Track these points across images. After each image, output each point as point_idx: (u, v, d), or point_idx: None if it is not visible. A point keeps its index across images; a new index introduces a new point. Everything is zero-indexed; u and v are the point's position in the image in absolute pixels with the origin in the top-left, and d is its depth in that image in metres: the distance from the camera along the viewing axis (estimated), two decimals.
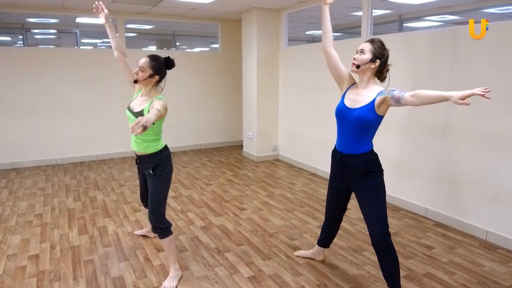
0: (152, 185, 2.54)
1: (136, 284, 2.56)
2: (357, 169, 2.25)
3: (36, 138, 5.75)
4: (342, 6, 5.35)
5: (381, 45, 2.20)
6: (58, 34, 8.82)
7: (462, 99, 1.74)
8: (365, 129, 2.21)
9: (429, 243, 3.16)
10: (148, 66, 2.50)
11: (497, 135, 3.07)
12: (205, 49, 9.15)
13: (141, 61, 2.55)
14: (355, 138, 2.24)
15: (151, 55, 2.58)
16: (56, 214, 3.82)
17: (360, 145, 2.24)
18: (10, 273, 2.70)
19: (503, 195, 3.07)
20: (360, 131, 2.22)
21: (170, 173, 2.61)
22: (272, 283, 2.56)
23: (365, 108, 2.16)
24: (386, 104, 2.13)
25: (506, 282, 2.58)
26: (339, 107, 2.31)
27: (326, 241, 2.78)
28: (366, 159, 2.24)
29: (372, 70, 2.21)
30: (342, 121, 2.30)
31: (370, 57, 2.17)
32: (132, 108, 2.57)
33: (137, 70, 2.52)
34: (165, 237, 2.54)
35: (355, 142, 2.25)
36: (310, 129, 5.38)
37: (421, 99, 1.95)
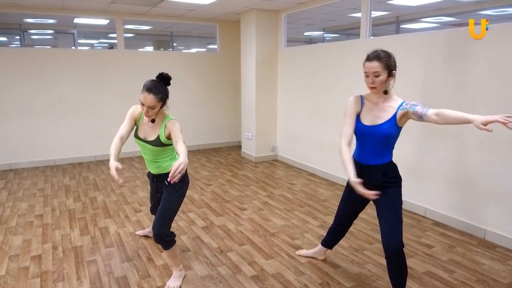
0: (167, 194, 2.48)
1: (140, 284, 2.58)
2: (374, 180, 2.22)
3: (34, 138, 5.73)
4: (340, 8, 5.39)
5: (387, 56, 2.13)
6: (55, 35, 8.79)
7: (484, 125, 1.73)
8: (388, 142, 2.23)
9: (428, 242, 3.20)
10: (156, 102, 2.30)
11: (495, 136, 3.11)
12: (202, 50, 9.16)
13: (148, 101, 2.28)
14: (378, 151, 2.23)
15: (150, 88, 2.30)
16: (56, 215, 3.82)
17: (381, 157, 2.24)
18: (13, 274, 2.70)
19: (501, 195, 3.12)
20: (383, 145, 2.22)
21: (186, 186, 2.55)
22: (275, 282, 2.59)
23: (388, 123, 2.15)
24: (407, 117, 2.15)
25: (504, 279, 2.62)
26: (359, 128, 2.25)
27: (331, 242, 2.79)
28: (384, 170, 2.23)
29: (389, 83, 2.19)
30: (366, 139, 2.26)
31: (387, 74, 2.12)
32: (144, 137, 2.46)
33: (147, 109, 2.30)
34: (168, 249, 2.49)
35: (376, 155, 2.24)
36: (308, 129, 5.42)
37: (446, 119, 1.95)
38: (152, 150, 2.46)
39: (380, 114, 2.19)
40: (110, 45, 10.08)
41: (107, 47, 9.49)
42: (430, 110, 2.03)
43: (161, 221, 2.43)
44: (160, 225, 2.42)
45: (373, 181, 2.22)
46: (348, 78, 4.51)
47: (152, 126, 2.44)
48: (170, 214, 2.48)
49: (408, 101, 2.16)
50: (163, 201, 2.49)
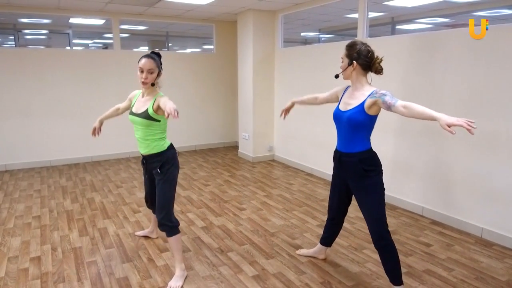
0: (159, 183, 2.56)
1: (142, 284, 2.57)
2: (354, 168, 2.32)
3: (30, 139, 5.69)
4: (336, 8, 5.42)
5: (350, 47, 2.29)
6: (49, 35, 8.73)
7: (449, 126, 1.83)
8: (358, 129, 2.29)
9: (426, 241, 3.24)
10: (155, 66, 2.48)
11: (491, 136, 3.16)
12: (197, 50, 9.14)
13: (147, 64, 2.45)
14: (350, 137, 2.33)
15: (149, 54, 2.51)
16: (54, 216, 3.80)
17: (356, 144, 2.32)
18: (12, 276, 2.68)
19: (497, 193, 3.17)
20: (353, 131, 2.30)
21: (177, 171, 2.62)
22: (277, 282, 2.60)
23: (355, 109, 2.25)
24: (377, 106, 2.21)
25: (502, 277, 2.66)
26: (334, 111, 2.45)
27: (328, 239, 2.83)
28: (362, 157, 2.30)
29: (356, 72, 2.29)
30: (338, 123, 2.43)
31: (347, 61, 2.29)
32: (135, 111, 2.57)
33: (146, 74, 2.45)
34: (172, 235, 2.56)
35: (350, 141, 2.33)
36: (305, 129, 5.44)
37: (412, 113, 2.03)
38: (140, 125, 2.52)
39: (350, 101, 2.32)
40: (105, 45, 10.04)
41: (102, 47, 9.45)
42: (399, 101, 2.10)
43: (160, 210, 2.54)
44: (159, 213, 2.54)
45: (353, 168, 2.33)
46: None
47: (144, 101, 2.55)
48: (167, 201, 2.55)
49: (379, 89, 2.22)
50: (157, 191, 2.57)
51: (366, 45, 2.30)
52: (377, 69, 2.31)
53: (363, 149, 2.31)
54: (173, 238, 2.57)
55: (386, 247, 2.29)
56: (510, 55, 2.98)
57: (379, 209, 2.29)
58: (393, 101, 2.10)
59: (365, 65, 2.28)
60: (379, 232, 2.29)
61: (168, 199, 2.55)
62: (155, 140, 2.54)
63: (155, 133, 2.53)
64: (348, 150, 2.36)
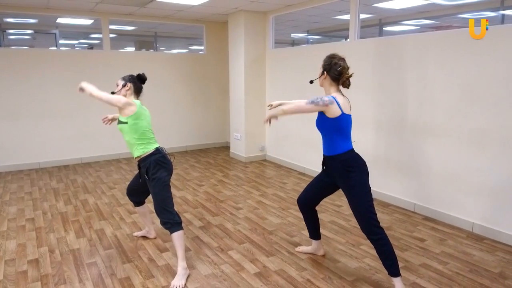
0: (150, 188, 2.72)
1: (145, 284, 2.57)
2: (336, 169, 2.47)
3: (18, 141, 5.58)
4: (327, 10, 5.50)
5: (327, 58, 2.51)
6: (34, 35, 8.56)
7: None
8: (330, 132, 2.45)
9: (420, 236, 3.33)
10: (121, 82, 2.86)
11: (481, 134, 3.28)
12: (184, 50, 9.10)
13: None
14: (327, 141, 2.51)
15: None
16: (48, 218, 3.75)
17: (335, 147, 2.46)
18: (11, 278, 2.64)
19: (487, 189, 3.29)
20: (328, 135, 2.48)
21: (164, 175, 2.70)
22: (279, 278, 2.64)
23: (318, 116, 2.49)
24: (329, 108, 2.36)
25: (495, 269, 2.77)
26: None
27: (315, 232, 2.93)
28: (342, 159, 2.44)
29: (327, 81, 2.48)
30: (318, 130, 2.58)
31: (321, 71, 2.50)
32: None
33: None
34: (175, 232, 2.61)
35: (329, 145, 2.50)
36: (297, 129, 5.51)
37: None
38: (122, 131, 2.75)
39: None
40: (90, 46, 9.90)
41: (87, 47, 9.31)
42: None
43: (159, 212, 2.67)
44: (160, 214, 2.67)
45: (336, 170, 2.47)
46: None
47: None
48: (162, 202, 2.66)
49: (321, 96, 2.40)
50: (151, 195, 2.73)
51: (342, 61, 2.47)
52: (344, 83, 2.48)
53: (342, 151, 2.44)
54: (176, 234, 2.62)
55: (379, 240, 2.37)
56: (501, 54, 3.10)
57: (364, 206, 2.38)
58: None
59: (334, 77, 2.46)
60: (368, 227, 2.38)
61: (162, 200, 2.66)
62: (134, 144, 2.71)
63: (132, 137, 2.69)
64: (329, 153, 2.51)
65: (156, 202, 2.67)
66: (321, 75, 2.51)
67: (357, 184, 2.39)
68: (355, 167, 2.40)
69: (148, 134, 2.74)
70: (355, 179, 2.39)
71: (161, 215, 2.64)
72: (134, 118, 2.66)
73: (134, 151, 2.75)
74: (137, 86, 2.85)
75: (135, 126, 2.67)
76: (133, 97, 2.83)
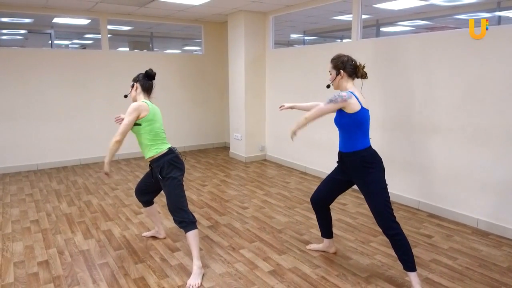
0: (164, 188, 2.72)
1: (160, 284, 2.56)
2: (355, 165, 2.48)
3: (15, 143, 5.49)
4: (327, 11, 5.55)
5: (335, 60, 2.51)
6: (26, 35, 8.42)
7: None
8: (347, 130, 2.47)
9: (427, 233, 3.38)
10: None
11: (484, 131, 3.35)
12: (177, 51, 9.05)
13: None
14: (346, 138, 2.51)
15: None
16: (53, 220, 3.70)
17: (353, 144, 2.47)
18: (23, 281, 2.60)
19: (491, 186, 3.35)
20: (345, 132, 2.49)
21: (178, 174, 2.71)
22: (294, 276, 2.66)
23: (337, 113, 2.48)
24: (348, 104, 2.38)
25: (503, 263, 2.83)
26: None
27: (327, 231, 2.95)
28: (361, 155, 2.45)
29: (344, 80, 2.49)
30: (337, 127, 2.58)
31: (335, 72, 2.50)
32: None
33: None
34: (189, 231, 2.61)
35: (347, 142, 2.51)
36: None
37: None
38: (135, 132, 2.74)
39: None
40: (83, 46, 9.79)
41: (80, 47, 9.21)
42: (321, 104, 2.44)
43: (172, 210, 2.68)
44: (172, 213, 2.68)
45: (354, 166, 2.48)
46: None
47: None
48: (176, 201, 2.67)
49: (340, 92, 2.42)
50: (165, 195, 2.73)
51: (349, 56, 2.51)
52: (362, 75, 2.52)
53: (361, 148, 2.46)
54: (191, 233, 2.61)
55: (396, 236, 2.40)
56: (503, 53, 3.17)
57: (383, 202, 2.41)
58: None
59: (351, 72, 2.49)
60: (386, 222, 2.41)
61: (177, 199, 2.67)
62: (146, 146, 2.71)
63: (144, 137, 2.69)
64: (347, 150, 2.51)
65: (171, 202, 2.67)
66: (336, 76, 2.50)
67: (375, 180, 2.41)
68: (374, 164, 2.43)
69: (161, 135, 2.75)
70: (374, 176, 2.42)
71: (177, 214, 2.64)
72: (148, 120, 2.66)
73: (147, 152, 2.73)
74: (145, 84, 2.83)
75: (149, 127, 2.67)
76: (142, 96, 2.82)
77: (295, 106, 3.13)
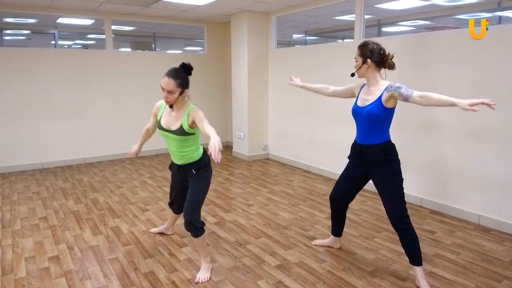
0: (194, 183, 2.59)
1: (170, 278, 2.62)
2: (377, 157, 2.47)
3: (21, 142, 5.54)
4: (329, 11, 5.61)
5: (363, 47, 2.45)
6: (29, 36, 8.48)
7: (470, 106, 1.97)
8: (378, 122, 2.45)
9: (430, 228, 3.44)
10: (175, 87, 2.39)
11: (486, 129, 3.41)
12: (179, 51, 9.11)
13: (166, 85, 2.38)
14: (371, 130, 2.48)
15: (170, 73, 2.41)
16: (61, 217, 3.75)
17: (377, 136, 2.47)
18: (35, 275, 2.66)
19: (493, 183, 3.41)
20: (373, 125, 2.46)
21: (210, 176, 2.68)
22: (301, 270, 2.71)
23: (373, 104, 2.41)
24: (394, 99, 2.37)
25: (505, 258, 2.88)
26: (353, 108, 2.58)
27: (338, 230, 3.00)
28: (383, 147, 2.47)
29: (371, 69, 2.44)
30: (358, 119, 2.56)
31: (361, 60, 2.44)
32: (167, 127, 2.53)
33: (166, 94, 2.40)
34: (198, 236, 2.56)
35: (371, 134, 2.48)
36: (300, 127, 5.59)
37: (430, 101, 2.18)
38: (176, 140, 2.54)
39: (368, 97, 2.48)
40: (85, 46, 9.85)
41: (82, 48, 9.26)
42: (415, 92, 2.26)
43: (191, 209, 2.52)
44: (190, 212, 2.52)
45: (375, 158, 2.48)
46: (342, 77, 4.71)
47: (176, 116, 2.52)
48: (199, 201, 2.58)
49: (393, 83, 2.38)
50: (191, 190, 2.59)
51: (378, 44, 2.46)
52: (390, 65, 2.48)
53: (383, 140, 2.48)
54: (199, 238, 2.58)
55: (407, 230, 2.45)
56: (504, 52, 3.23)
57: (399, 195, 2.46)
58: (409, 93, 2.26)
59: (379, 62, 2.45)
60: (401, 217, 2.45)
61: (199, 198, 2.57)
62: (191, 151, 2.58)
63: (191, 144, 2.56)
64: (369, 142, 2.50)
65: (194, 199, 2.54)
66: (362, 65, 2.43)
67: (395, 172, 2.44)
68: (394, 156, 2.46)
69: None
70: (395, 168, 2.44)
71: (193, 215, 2.51)
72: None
73: (187, 158, 2.58)
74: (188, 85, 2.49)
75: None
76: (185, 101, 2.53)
77: (305, 86, 3.10)
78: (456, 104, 2.06)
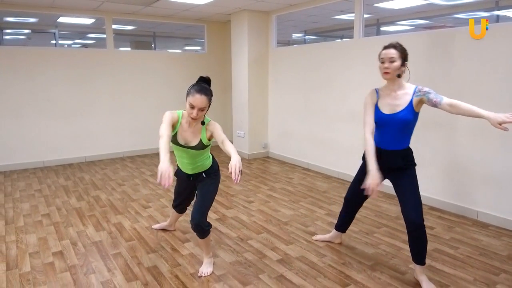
0: (205, 186, 2.62)
1: (173, 272, 2.65)
2: (395, 163, 2.46)
3: (22, 140, 5.57)
4: (329, 10, 5.65)
5: (402, 48, 2.40)
6: (29, 35, 8.50)
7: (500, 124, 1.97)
8: (409, 127, 2.45)
9: (429, 224, 3.48)
10: (207, 103, 2.37)
11: (485, 126, 3.44)
12: (178, 51, 9.14)
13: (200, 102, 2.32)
14: (400, 137, 2.46)
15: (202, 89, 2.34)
16: (64, 214, 3.78)
17: (403, 142, 2.48)
18: (39, 270, 2.69)
19: (491, 179, 3.46)
20: (403, 131, 2.44)
21: (219, 180, 2.72)
22: (302, 264, 2.75)
23: (406, 110, 2.36)
24: (422, 103, 2.37)
25: (503, 252, 2.93)
26: (380, 116, 2.46)
27: (344, 227, 3.02)
28: (404, 154, 2.47)
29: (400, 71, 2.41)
30: (387, 126, 2.45)
31: (400, 62, 2.36)
32: (185, 143, 2.49)
33: (197, 111, 2.32)
34: (204, 238, 2.59)
35: (401, 139, 2.47)
36: (300, 126, 5.63)
37: (459, 110, 2.20)
38: (192, 154, 2.54)
39: (397, 102, 2.41)
40: (85, 46, 9.87)
41: (82, 47, 9.29)
42: (444, 99, 2.27)
43: (201, 212, 2.53)
44: (200, 215, 2.51)
45: (393, 164, 2.46)
46: (342, 76, 4.77)
47: (193, 131, 2.48)
48: (208, 204, 2.60)
49: (420, 87, 2.37)
50: (201, 193, 2.60)
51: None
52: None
53: (406, 146, 2.50)
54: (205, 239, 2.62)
55: (422, 236, 2.44)
56: (502, 50, 3.28)
57: (418, 199, 2.45)
58: (438, 99, 2.26)
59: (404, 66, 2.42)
60: (421, 216, 2.42)
61: (210, 199, 2.61)
62: (203, 160, 2.61)
63: (205, 155, 2.61)
64: (393, 148, 2.46)
65: (204, 201, 2.56)
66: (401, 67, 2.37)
67: (415, 177, 2.47)
68: (413, 161, 2.50)
69: None
70: (414, 172, 2.47)
71: (201, 218, 2.50)
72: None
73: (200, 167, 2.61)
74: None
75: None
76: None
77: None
78: (484, 117, 2.07)
